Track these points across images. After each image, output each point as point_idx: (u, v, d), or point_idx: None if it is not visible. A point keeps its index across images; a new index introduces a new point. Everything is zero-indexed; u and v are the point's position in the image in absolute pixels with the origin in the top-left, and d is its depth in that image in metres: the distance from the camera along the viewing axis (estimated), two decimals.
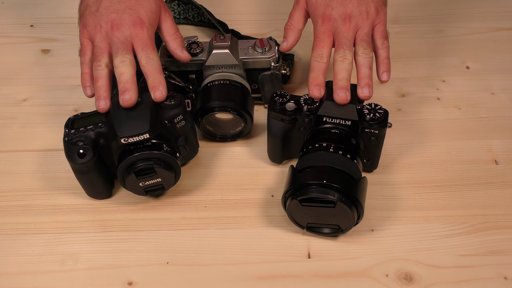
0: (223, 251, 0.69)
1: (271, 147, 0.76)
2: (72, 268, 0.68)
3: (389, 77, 0.72)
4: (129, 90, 0.67)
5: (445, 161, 0.78)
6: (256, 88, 0.82)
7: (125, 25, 0.70)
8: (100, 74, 0.69)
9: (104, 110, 0.68)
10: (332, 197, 0.64)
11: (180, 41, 0.75)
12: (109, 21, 0.70)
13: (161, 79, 0.69)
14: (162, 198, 0.75)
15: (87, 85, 0.71)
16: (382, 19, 0.74)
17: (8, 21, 1.00)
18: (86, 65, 0.71)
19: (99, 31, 0.70)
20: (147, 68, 0.69)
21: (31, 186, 0.76)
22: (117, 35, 0.70)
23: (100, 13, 0.71)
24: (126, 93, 0.67)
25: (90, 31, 0.71)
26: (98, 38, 0.70)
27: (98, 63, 0.69)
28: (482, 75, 0.90)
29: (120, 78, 0.68)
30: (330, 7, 0.72)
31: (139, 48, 0.70)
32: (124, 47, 0.69)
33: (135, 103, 0.67)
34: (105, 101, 0.68)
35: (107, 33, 0.70)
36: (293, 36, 0.76)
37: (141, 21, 0.71)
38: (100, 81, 0.69)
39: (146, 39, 0.70)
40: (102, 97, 0.68)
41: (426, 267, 0.67)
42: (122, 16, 0.70)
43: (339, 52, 0.70)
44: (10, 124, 0.83)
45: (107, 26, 0.70)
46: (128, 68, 0.68)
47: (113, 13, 0.70)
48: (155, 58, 0.70)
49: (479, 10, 1.01)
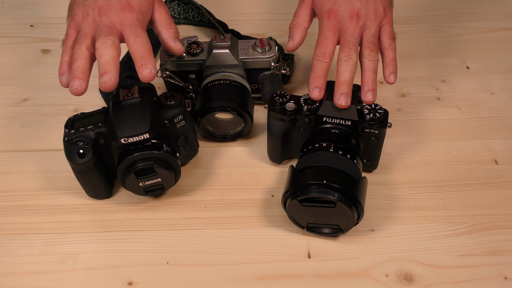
0: (223, 251, 0.69)
1: (271, 147, 0.76)
2: (72, 268, 0.68)
3: (395, 79, 0.72)
4: (109, 72, 0.62)
5: (445, 161, 0.78)
6: (256, 88, 0.82)
7: (113, 10, 0.67)
8: (79, 56, 0.64)
9: (78, 92, 0.62)
10: (332, 197, 0.64)
11: (174, 31, 0.72)
12: (96, 7, 0.67)
13: (150, 57, 0.64)
14: (162, 198, 0.75)
15: (63, 72, 0.65)
16: (390, 19, 0.73)
17: (8, 21, 1.00)
18: (66, 53, 0.67)
19: (86, 19, 0.67)
20: (134, 47, 0.64)
21: (31, 186, 0.76)
22: (104, 20, 0.66)
23: (88, 2, 0.68)
24: (105, 75, 0.61)
25: (77, 21, 0.68)
26: (84, 24, 0.67)
27: (79, 46, 0.64)
28: (482, 75, 0.90)
29: (100, 60, 0.63)
30: (338, 3, 0.71)
31: (127, 29, 0.66)
32: (108, 29, 0.65)
33: (115, 86, 0.62)
34: (80, 82, 0.62)
35: (94, 19, 0.67)
36: (299, 35, 0.75)
37: (131, 6, 0.67)
38: (77, 62, 0.63)
39: (134, 20, 0.66)
40: (78, 77, 0.62)
41: (426, 267, 0.68)
42: (111, 2, 0.67)
43: (345, 51, 0.69)
44: (10, 124, 0.83)
45: (95, 12, 0.67)
46: (110, 50, 0.63)
47: (102, 0, 0.68)
48: (143, 37, 0.65)
49: (479, 10, 1.01)
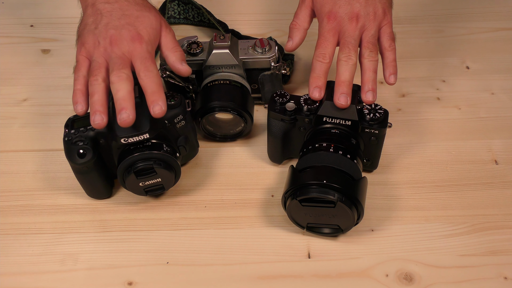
0: (223, 251, 0.69)
1: (271, 147, 0.76)
2: (72, 268, 0.68)
3: (396, 80, 0.72)
4: (126, 108, 0.64)
5: (445, 161, 0.78)
6: (256, 88, 0.82)
7: (124, 41, 0.68)
8: (97, 88, 0.65)
9: (100, 126, 0.65)
10: (332, 197, 0.64)
11: (180, 54, 0.72)
12: (107, 37, 0.68)
13: (161, 93, 0.66)
14: (162, 198, 0.75)
15: (78, 101, 0.67)
16: (389, 20, 0.73)
17: (8, 21, 1.00)
18: (79, 81, 0.68)
19: (97, 48, 0.68)
20: (146, 81, 0.66)
21: (31, 186, 0.76)
22: (115, 51, 0.67)
23: (99, 31, 0.69)
24: (123, 112, 0.64)
25: (88, 48, 0.69)
26: (96, 54, 0.68)
27: (95, 77, 0.66)
28: (482, 75, 0.90)
29: (117, 96, 0.65)
30: (337, 5, 0.71)
31: (137, 61, 0.67)
32: (121, 61, 0.66)
33: (133, 121, 0.64)
34: (101, 116, 0.65)
35: (106, 49, 0.68)
36: (299, 35, 0.75)
37: (140, 37, 0.69)
38: (96, 96, 0.65)
39: (145, 53, 0.68)
40: (98, 111, 0.65)
41: (426, 267, 0.68)
42: (121, 32, 0.68)
43: (344, 52, 0.70)
44: (10, 124, 0.83)
45: (106, 42, 0.68)
46: (125, 84, 0.65)
47: (112, 29, 0.68)
48: (154, 71, 0.67)
49: (479, 10, 1.01)
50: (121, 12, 0.70)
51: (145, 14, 0.71)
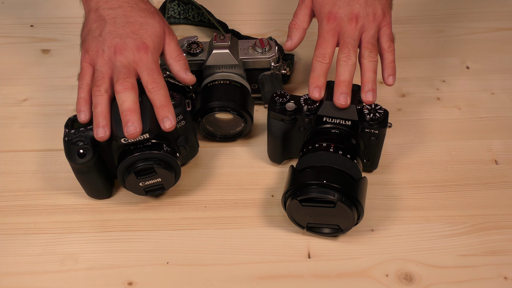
0: (223, 251, 0.69)
1: (271, 147, 0.76)
2: (72, 268, 0.68)
3: (394, 81, 0.72)
4: (133, 121, 0.64)
5: (445, 161, 0.78)
6: (256, 88, 0.82)
7: (129, 50, 0.68)
8: (100, 100, 0.66)
9: (103, 139, 0.65)
10: (332, 197, 0.64)
11: (184, 63, 0.72)
12: (112, 45, 0.68)
13: (169, 107, 0.66)
14: (162, 198, 0.75)
15: (81, 109, 0.67)
16: (388, 21, 0.73)
17: (8, 21, 1.00)
18: (83, 90, 0.68)
19: (102, 56, 0.68)
20: (154, 95, 0.66)
21: (31, 186, 0.76)
22: (120, 60, 0.67)
23: (103, 38, 0.68)
24: (130, 125, 0.64)
25: (92, 56, 0.68)
26: (100, 63, 0.68)
27: (98, 88, 0.66)
28: (482, 75, 0.90)
29: (122, 107, 0.64)
30: (337, 6, 0.72)
31: (144, 73, 0.67)
32: (126, 70, 0.66)
33: (140, 133, 0.64)
34: (104, 130, 0.65)
35: (110, 57, 0.67)
36: (298, 35, 0.75)
37: (145, 46, 0.68)
38: (99, 108, 0.66)
39: (151, 63, 0.68)
40: (101, 125, 0.65)
41: (426, 267, 0.68)
42: (126, 41, 0.68)
43: (344, 52, 0.70)
44: (10, 124, 0.83)
45: (110, 51, 0.68)
46: (130, 94, 0.65)
47: (117, 38, 0.68)
48: (161, 82, 0.67)
49: (479, 10, 1.01)
50: (125, 19, 0.70)
51: (149, 22, 0.70)
